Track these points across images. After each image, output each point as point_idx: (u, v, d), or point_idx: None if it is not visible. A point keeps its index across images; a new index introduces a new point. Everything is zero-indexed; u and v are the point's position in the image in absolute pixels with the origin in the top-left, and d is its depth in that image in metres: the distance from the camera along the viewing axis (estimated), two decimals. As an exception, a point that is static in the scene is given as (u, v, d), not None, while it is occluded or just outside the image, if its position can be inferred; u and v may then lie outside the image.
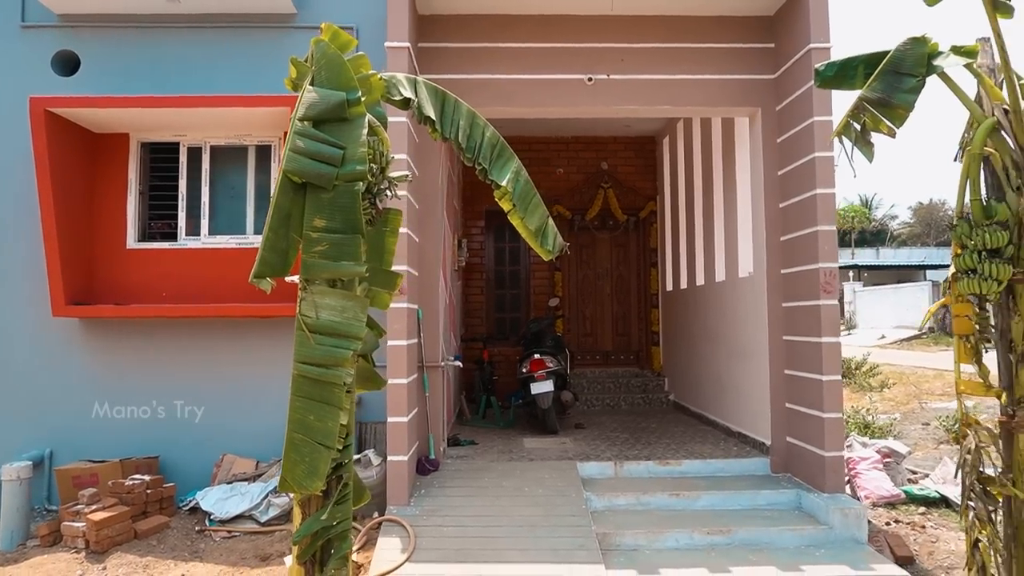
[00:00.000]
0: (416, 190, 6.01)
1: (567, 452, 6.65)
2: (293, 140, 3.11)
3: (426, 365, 6.13)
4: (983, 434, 3.73)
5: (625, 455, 6.47)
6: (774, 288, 6.26)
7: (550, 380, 7.46)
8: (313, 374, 3.08)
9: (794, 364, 6.01)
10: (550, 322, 8.75)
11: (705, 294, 8.25)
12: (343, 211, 3.13)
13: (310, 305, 3.16)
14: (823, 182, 5.60)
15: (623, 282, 10.76)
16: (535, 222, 4.63)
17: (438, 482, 5.80)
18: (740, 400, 7.06)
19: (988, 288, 3.51)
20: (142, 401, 6.23)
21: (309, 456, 3.03)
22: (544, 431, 7.60)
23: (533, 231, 4.57)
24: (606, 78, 6.27)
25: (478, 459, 6.41)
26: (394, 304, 5.47)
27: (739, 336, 7.07)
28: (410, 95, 3.83)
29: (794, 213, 5.99)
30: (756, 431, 6.59)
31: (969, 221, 3.60)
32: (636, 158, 10.61)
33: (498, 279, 10.78)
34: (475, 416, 8.51)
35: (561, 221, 10.52)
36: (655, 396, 9.76)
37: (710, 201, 8.06)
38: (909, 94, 3.63)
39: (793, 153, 5.98)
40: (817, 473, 5.60)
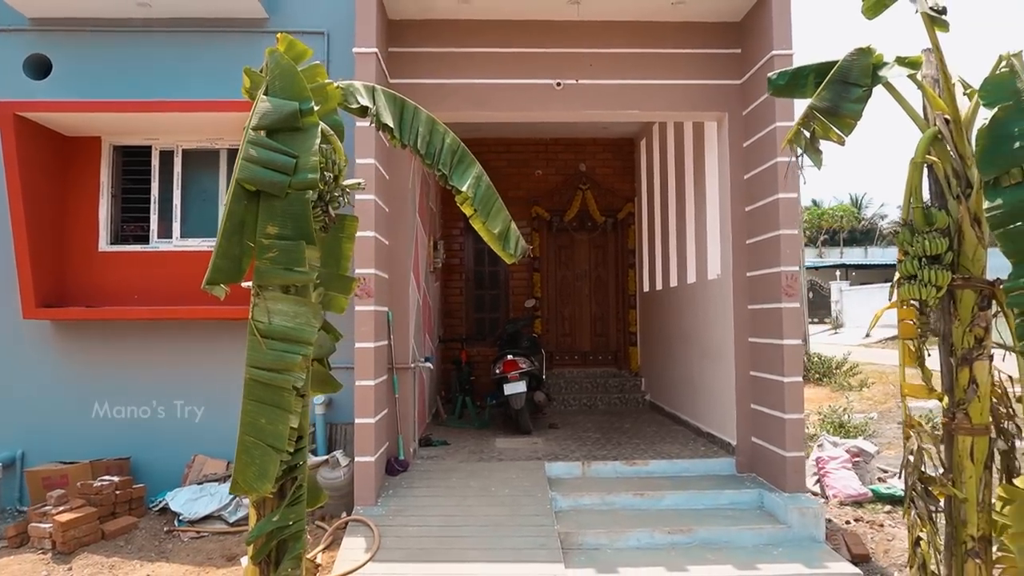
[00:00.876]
0: (385, 193, 6.07)
1: (537, 452, 6.73)
2: (246, 149, 3.17)
3: (396, 367, 6.20)
4: (925, 435, 3.84)
5: (594, 455, 6.55)
6: (740, 290, 6.35)
7: (523, 381, 7.53)
8: (264, 378, 3.15)
9: (759, 365, 6.11)
10: (526, 323, 8.83)
11: (679, 295, 8.34)
12: (295, 219, 3.20)
13: (263, 311, 3.22)
14: (785, 187, 5.69)
15: (601, 283, 10.85)
16: (497, 226, 4.69)
17: (406, 482, 5.87)
18: (709, 401, 7.16)
19: (927, 293, 3.60)
20: (114, 403, 6.28)
21: (260, 458, 3.10)
22: (518, 431, 7.68)
23: (495, 235, 4.63)
24: (575, 83, 6.35)
25: (448, 459, 6.49)
26: (361, 307, 5.55)
27: (709, 337, 7.16)
28: (367, 103, 3.89)
29: (758, 217, 6.09)
30: (723, 431, 6.69)
31: (911, 228, 3.69)
32: (614, 160, 10.69)
33: (477, 280, 10.85)
34: (451, 416, 8.58)
35: (540, 222, 10.61)
36: (632, 396, 9.85)
37: (683, 203, 8.15)
38: (856, 103, 3.72)
39: (757, 158, 6.07)
40: (779, 473, 5.70)
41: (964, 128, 3.64)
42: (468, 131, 10.16)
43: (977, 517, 3.62)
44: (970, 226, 3.60)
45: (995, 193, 3.19)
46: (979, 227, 3.60)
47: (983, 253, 3.64)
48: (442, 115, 6.71)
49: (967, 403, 3.64)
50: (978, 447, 3.63)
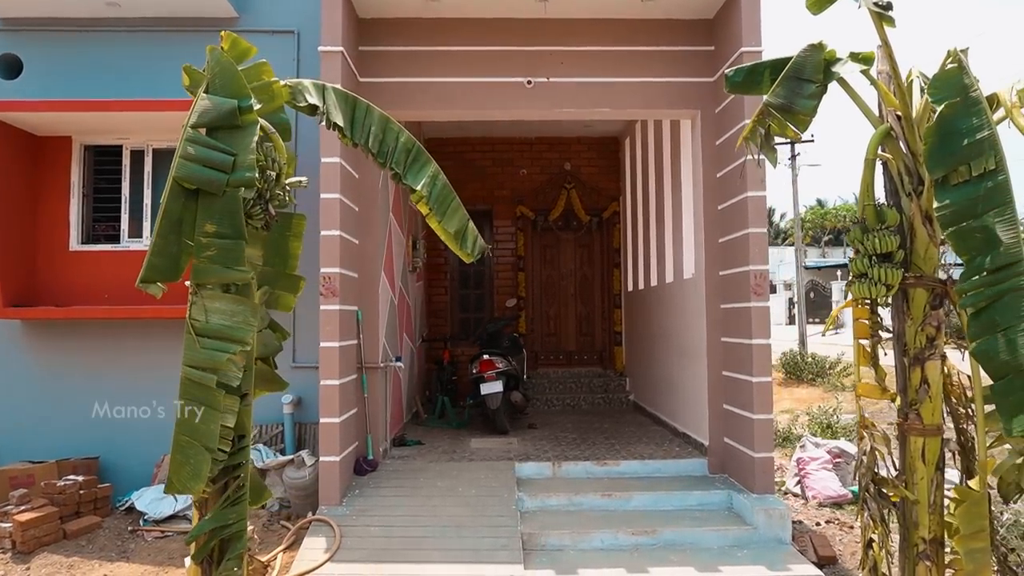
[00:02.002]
0: (352, 192, 6.05)
1: (510, 452, 6.69)
2: (184, 147, 3.16)
3: (365, 366, 6.17)
4: (878, 436, 3.79)
5: (566, 455, 6.51)
6: (713, 290, 6.30)
7: (499, 381, 7.49)
8: (197, 377, 3.13)
9: (730, 365, 6.06)
10: (507, 322, 8.79)
11: (659, 295, 8.29)
12: (233, 217, 3.19)
13: (200, 309, 3.21)
14: (754, 185, 5.64)
15: (587, 282, 10.80)
16: (454, 225, 4.67)
17: (374, 482, 5.84)
18: (685, 401, 7.11)
19: (877, 292, 3.55)
20: (85, 402, 6.27)
21: (193, 458, 3.08)
22: (495, 432, 7.65)
23: (452, 234, 4.61)
24: (546, 81, 6.31)
25: (419, 459, 6.46)
26: (326, 306, 5.52)
27: (685, 337, 7.11)
28: (316, 102, 3.86)
29: (730, 215, 6.03)
30: (697, 432, 6.64)
31: (862, 226, 3.65)
32: (599, 159, 10.64)
33: (462, 279, 10.82)
34: (430, 417, 8.55)
35: (525, 221, 10.57)
36: (616, 396, 9.80)
37: (662, 202, 8.10)
38: (810, 99, 3.68)
39: (728, 156, 6.02)
40: (748, 474, 5.64)
41: (916, 125, 3.58)
42: (451, 130, 10.15)
43: (928, 519, 3.57)
44: (922, 224, 3.55)
45: (944, 192, 3.14)
46: (931, 225, 3.54)
47: (935, 251, 3.59)
48: (412, 114, 6.74)
49: (919, 403, 3.59)
50: (930, 448, 3.58)
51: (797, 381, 15.43)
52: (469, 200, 10.67)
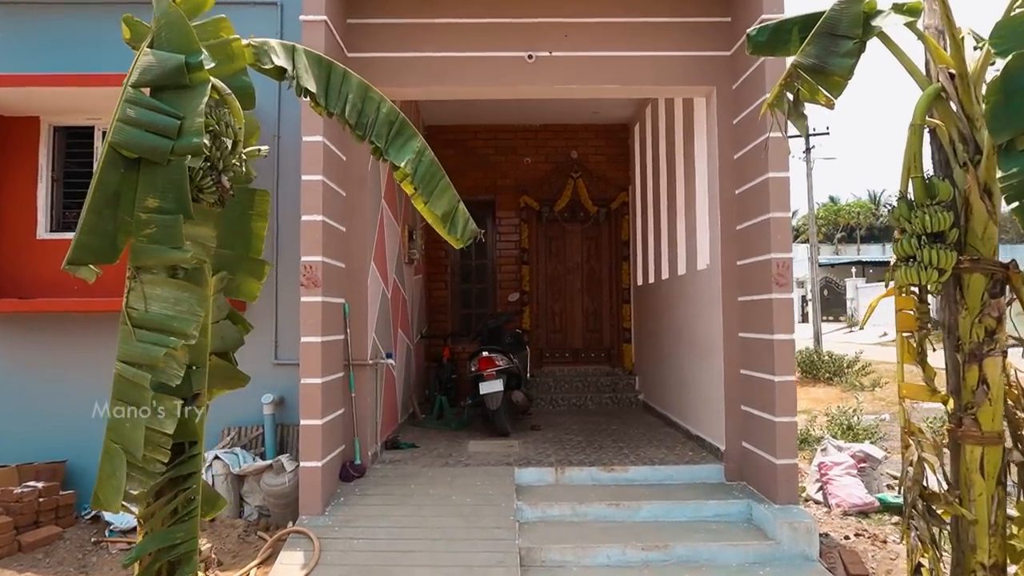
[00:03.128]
0: (339, 175, 5.59)
1: (510, 456, 6.22)
2: (123, 109, 2.70)
3: (353, 363, 5.71)
4: (927, 444, 3.28)
5: (570, 460, 6.03)
6: (730, 281, 5.80)
7: (500, 379, 7.02)
8: (129, 375, 2.68)
9: (749, 363, 5.56)
10: (508, 318, 8.33)
11: (670, 288, 7.79)
12: (177, 189, 2.73)
13: (138, 296, 2.76)
14: (776, 165, 5.13)
15: (594, 276, 10.31)
16: (442, 207, 4.21)
17: (360, 489, 5.38)
18: (699, 401, 6.61)
19: (928, 277, 3.06)
20: (54, 401, 5.84)
21: (120, 469, 2.63)
22: (496, 434, 7.18)
23: (440, 216, 4.16)
24: (548, 55, 5.82)
25: (411, 464, 5.99)
26: (307, 297, 5.07)
27: (698, 332, 6.62)
28: (284, 64, 3.38)
29: (749, 199, 5.54)
30: (712, 435, 6.14)
31: (909, 202, 3.15)
32: (607, 147, 10.14)
33: (464, 273, 10.35)
34: (428, 417, 8.09)
35: (529, 212, 10.08)
36: (624, 396, 9.31)
37: (674, 189, 7.60)
38: (846, 58, 3.17)
39: (747, 135, 5.52)
40: (770, 482, 5.14)
41: (972, 84, 3.07)
42: (452, 117, 9.68)
43: (988, 541, 3.06)
44: (979, 198, 3.04)
45: (1009, 159, 2.63)
46: (990, 199, 3.03)
47: (995, 230, 3.08)
48: (405, 92, 6.24)
49: (976, 407, 3.08)
50: (989, 459, 3.07)
51: (813, 380, 14.89)
52: (470, 190, 10.23)
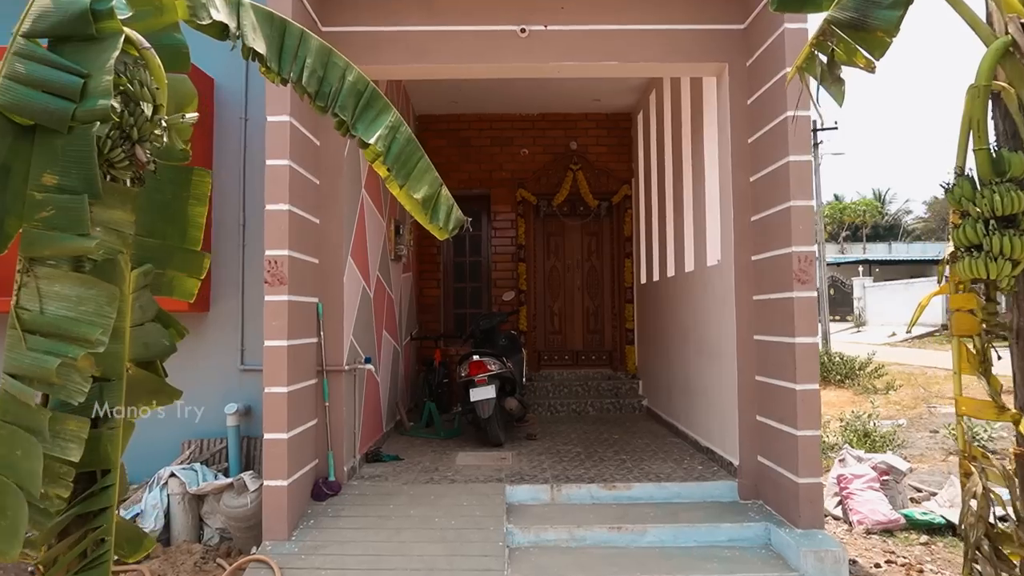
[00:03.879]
0: (311, 161, 5.05)
1: (502, 471, 5.67)
2: (11, 64, 2.14)
3: (327, 369, 5.17)
4: (993, 472, 2.72)
5: (568, 475, 5.48)
6: (743, 278, 5.25)
7: (492, 385, 6.48)
8: (16, 391, 2.12)
9: (766, 369, 5.01)
10: (502, 318, 7.77)
11: (677, 286, 7.24)
12: (81, 163, 2.16)
13: (32, 294, 2.19)
14: (797, 147, 4.58)
15: (595, 274, 9.76)
16: (422, 191, 3.65)
17: (333, 510, 4.83)
18: (709, 409, 6.06)
19: (999, 271, 2.50)
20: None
21: (11, 509, 2.07)
22: (488, 444, 6.64)
23: (419, 202, 3.60)
24: (543, 29, 5.27)
25: (392, 480, 5.45)
26: (272, 296, 4.53)
27: (708, 334, 6.07)
28: (226, 20, 2.80)
29: (765, 186, 4.98)
30: (724, 448, 5.59)
31: (972, 180, 2.59)
32: (609, 137, 9.59)
33: (457, 271, 9.81)
34: (416, 426, 7.54)
35: (526, 207, 9.53)
36: (627, 402, 8.75)
37: (681, 180, 7.04)
38: (891, 10, 2.62)
39: (764, 115, 4.97)
40: (790, 503, 4.59)
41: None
42: (443, 106, 9.14)
43: (1071, 592, 2.49)
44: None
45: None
46: (1075, 176, 2.47)
47: (1079, 214, 2.52)
48: (385, 70, 5.63)
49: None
50: (1071, 491, 2.51)
51: (824, 383, 14.31)
52: (464, 183, 9.69)
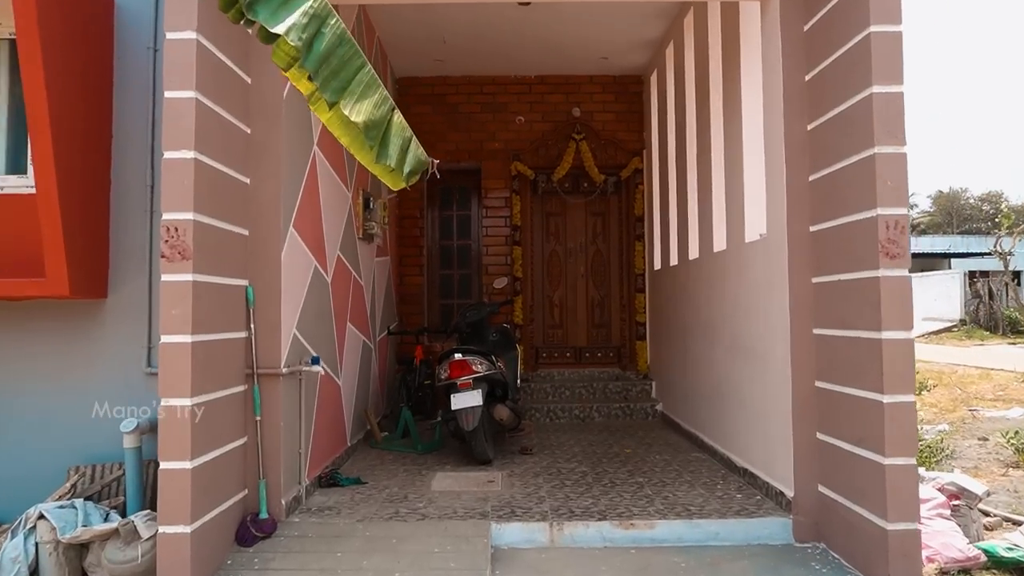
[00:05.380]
0: (236, 101, 3.84)
1: (488, 499, 4.48)
2: None
3: (258, 372, 3.98)
4: None
5: (571, 506, 4.29)
6: (799, 254, 4.06)
7: (478, 390, 5.29)
8: None
9: (832, 372, 3.82)
10: (495, 309, 6.59)
11: (701, 270, 6.04)
12: None
13: None
14: (884, 75, 3.38)
15: (601, 259, 8.55)
16: (363, 111, 2.49)
17: (261, 561, 3.64)
18: (747, 422, 4.87)
19: None
20: None
21: None
22: (473, 460, 5.45)
23: (361, 128, 2.43)
24: (540, -68, 4.07)
25: (347, 514, 4.24)
26: (170, 275, 3.32)
27: (745, 328, 4.87)
28: None
29: (831, 134, 3.79)
30: (770, 471, 4.40)
31: None
32: (617, 103, 8.38)
33: (443, 256, 8.61)
34: (391, 437, 6.35)
35: (522, 182, 8.32)
36: (639, 406, 7.57)
37: (706, 142, 5.83)
38: None
39: (830, 41, 3.76)
40: (873, 553, 3.41)
41: None
42: (428, 67, 7.94)
43: None
44: None
45: None
46: None
47: None
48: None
49: None
50: None
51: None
52: (451, 155, 8.44)
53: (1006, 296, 24.68)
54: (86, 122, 4.02)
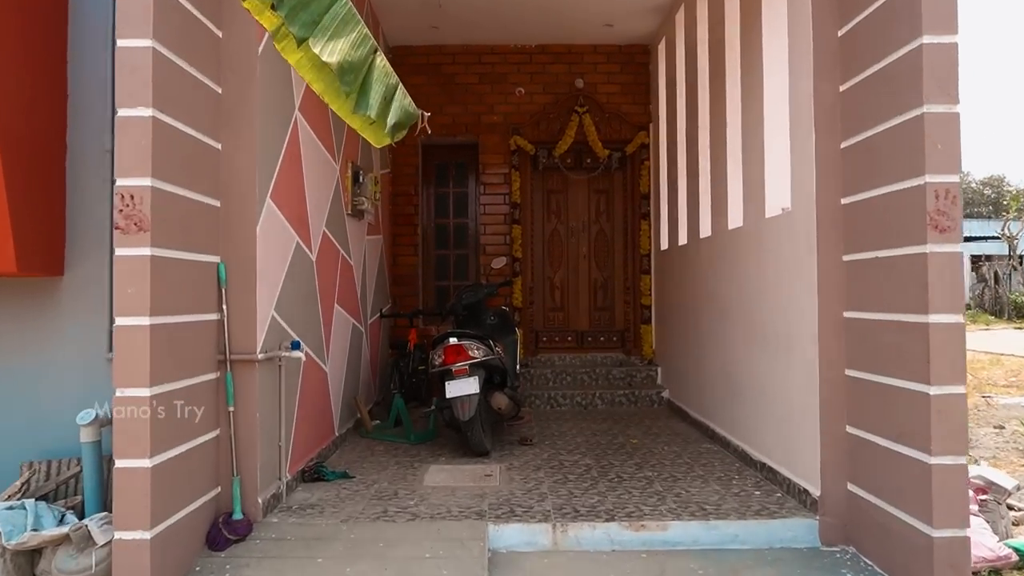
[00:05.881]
0: (199, 53, 3.43)
1: (484, 496, 4.13)
2: None
3: (231, 358, 3.60)
4: None
5: (576, 504, 3.94)
6: (830, 229, 3.68)
7: (474, 377, 4.92)
8: None
9: (867, 361, 3.45)
10: (492, 291, 6.21)
11: (712, 249, 5.66)
12: None
13: None
14: (936, 22, 2.98)
15: (604, 239, 8.17)
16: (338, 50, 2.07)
17: (233, 567, 3.28)
18: (765, 412, 4.51)
19: None
20: None
21: None
22: (469, 451, 5.10)
23: (335, 70, 2.02)
24: None
25: (330, 513, 3.89)
26: (125, 249, 2.94)
27: (765, 311, 4.50)
28: None
29: (869, 95, 3.39)
30: (793, 467, 4.05)
31: None
32: (622, 74, 7.95)
33: (439, 235, 8.22)
34: (382, 426, 5.99)
35: (521, 158, 7.91)
36: (643, 393, 7.21)
37: (720, 110, 5.43)
38: None
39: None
40: (914, 563, 3.06)
41: None
42: (423, 34, 7.49)
43: None
44: None
45: None
46: None
47: None
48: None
49: None
50: None
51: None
52: (447, 129, 7.98)
53: (1011, 280, 24.35)
54: (34, 79, 3.60)
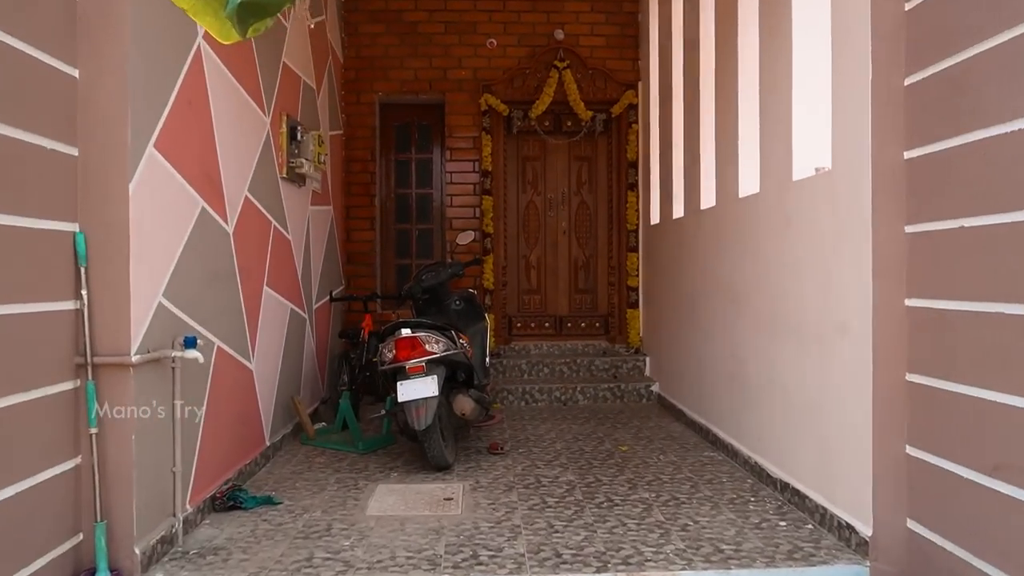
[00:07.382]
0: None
1: (441, 531, 3.25)
2: None
3: (94, 363, 2.67)
4: None
5: (557, 545, 3.08)
6: (888, 193, 2.83)
7: (432, 376, 4.03)
8: None
9: (940, 364, 2.63)
10: (457, 271, 5.30)
11: (716, 222, 4.81)
12: None
13: None
14: None
15: (587, 212, 7.28)
16: None
17: (87, 653, 2.38)
18: (791, 421, 3.68)
19: None
20: None
21: None
22: (427, 464, 4.22)
23: None
24: None
25: (237, 562, 2.97)
26: None
27: (791, 295, 3.66)
28: None
29: (955, 8, 2.53)
30: (831, 494, 3.23)
31: None
32: (608, 24, 7.02)
33: (400, 208, 7.27)
34: (330, 428, 5.09)
35: (494, 119, 6.97)
36: (630, 386, 6.39)
37: (730, 52, 4.54)
38: None
39: None
40: (1014, 639, 2.26)
41: None
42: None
43: None
44: None
45: None
46: None
47: None
48: None
49: None
50: None
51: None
52: (409, 87, 6.93)
53: None
54: None
